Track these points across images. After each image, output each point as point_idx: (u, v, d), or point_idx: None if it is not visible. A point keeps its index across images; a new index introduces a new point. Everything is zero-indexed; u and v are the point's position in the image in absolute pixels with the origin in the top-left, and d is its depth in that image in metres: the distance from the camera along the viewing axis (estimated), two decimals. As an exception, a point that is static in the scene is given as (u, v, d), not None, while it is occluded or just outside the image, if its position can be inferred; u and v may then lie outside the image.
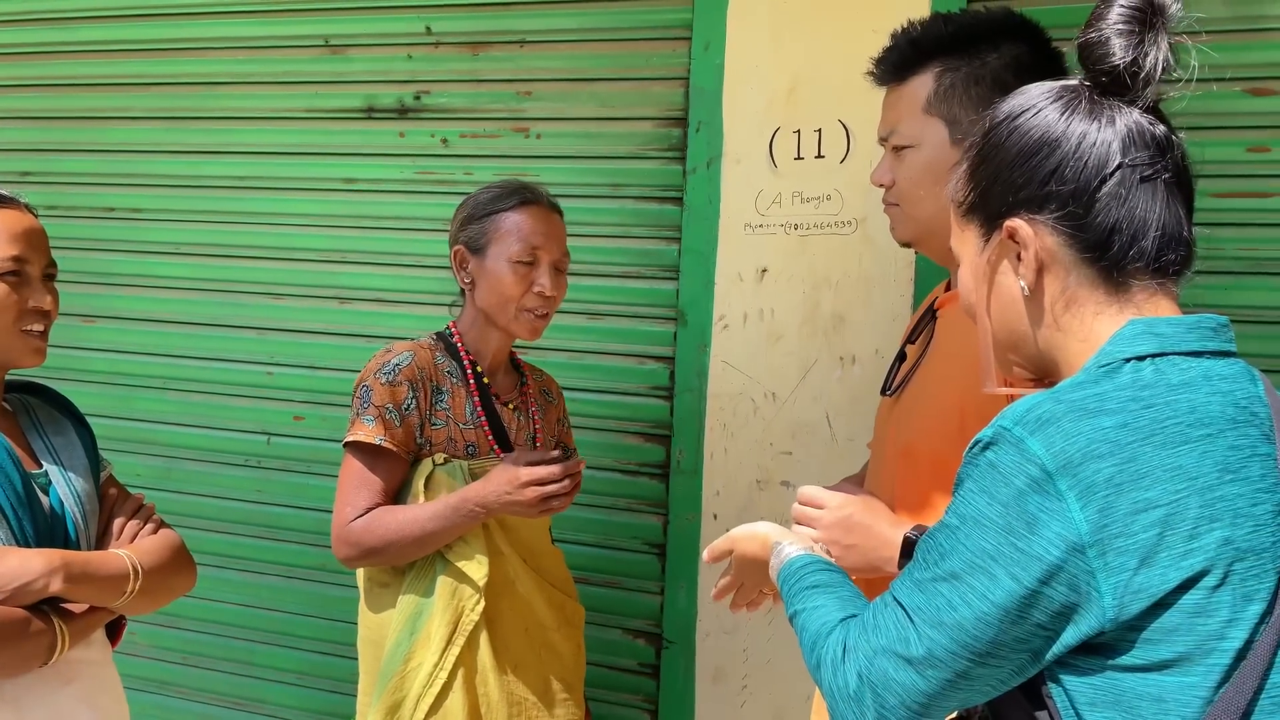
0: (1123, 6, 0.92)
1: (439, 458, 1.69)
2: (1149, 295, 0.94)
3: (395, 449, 1.66)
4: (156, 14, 2.64)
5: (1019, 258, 0.97)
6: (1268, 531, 0.83)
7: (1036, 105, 0.97)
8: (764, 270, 2.19)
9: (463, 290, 1.82)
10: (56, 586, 1.35)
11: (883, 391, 1.55)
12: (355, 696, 1.83)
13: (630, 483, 2.33)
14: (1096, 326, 0.93)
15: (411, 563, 1.69)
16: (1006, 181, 0.96)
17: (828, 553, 1.26)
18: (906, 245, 1.52)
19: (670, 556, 2.28)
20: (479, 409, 1.75)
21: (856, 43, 2.08)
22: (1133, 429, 0.83)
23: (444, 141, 2.45)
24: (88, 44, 2.71)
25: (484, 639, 1.66)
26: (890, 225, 1.51)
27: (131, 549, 1.47)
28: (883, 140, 1.47)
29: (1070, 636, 0.84)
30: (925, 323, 1.52)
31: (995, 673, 0.87)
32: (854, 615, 0.99)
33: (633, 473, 2.33)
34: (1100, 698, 0.84)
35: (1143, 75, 0.92)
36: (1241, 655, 0.80)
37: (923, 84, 1.40)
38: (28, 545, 1.37)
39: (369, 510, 1.65)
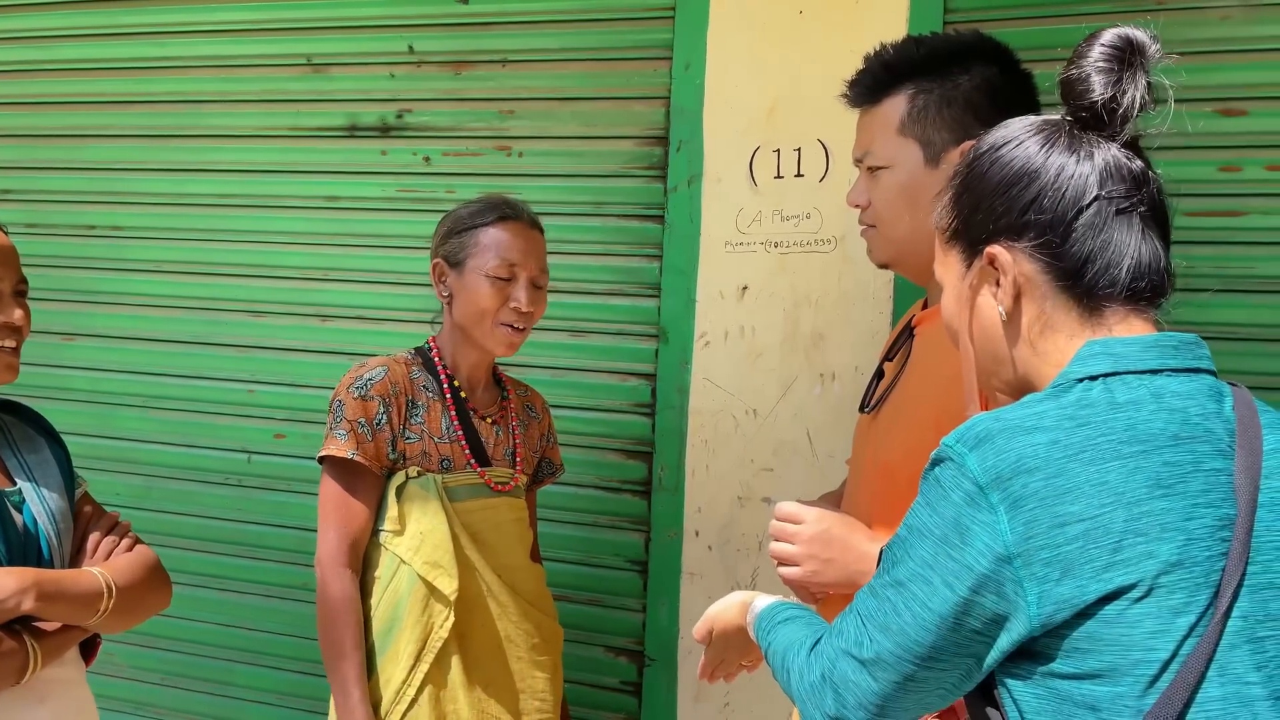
0: (1104, 46, 0.95)
1: (413, 471, 1.70)
2: (1121, 319, 0.96)
3: (367, 463, 1.67)
4: (138, 33, 2.64)
5: (998, 283, 0.99)
6: (1202, 545, 0.84)
7: (1018, 138, 1.00)
8: (745, 288, 2.21)
9: (443, 305, 1.83)
10: (29, 605, 1.34)
11: (861, 409, 1.56)
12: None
13: (612, 499, 2.33)
14: (1069, 350, 0.96)
15: (382, 576, 1.69)
16: (987, 209, 1.00)
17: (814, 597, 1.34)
18: (884, 267, 1.54)
19: (652, 574, 2.28)
20: (455, 423, 1.75)
21: (835, 63, 2.10)
22: (1063, 445, 0.86)
23: (426, 160, 2.46)
24: (68, 62, 2.71)
25: (455, 656, 1.66)
26: (867, 247, 1.53)
27: (105, 567, 1.46)
28: (857, 161, 1.49)
29: (1004, 643, 0.88)
30: (903, 340, 1.54)
31: (942, 676, 0.91)
32: (820, 633, 1.04)
33: (615, 489, 2.33)
34: (1043, 706, 0.87)
35: (1121, 112, 0.95)
36: (1166, 667, 0.82)
37: (896, 106, 1.42)
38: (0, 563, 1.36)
39: (353, 557, 1.69)
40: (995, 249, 0.99)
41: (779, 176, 2.18)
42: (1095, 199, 0.94)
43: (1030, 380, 1.00)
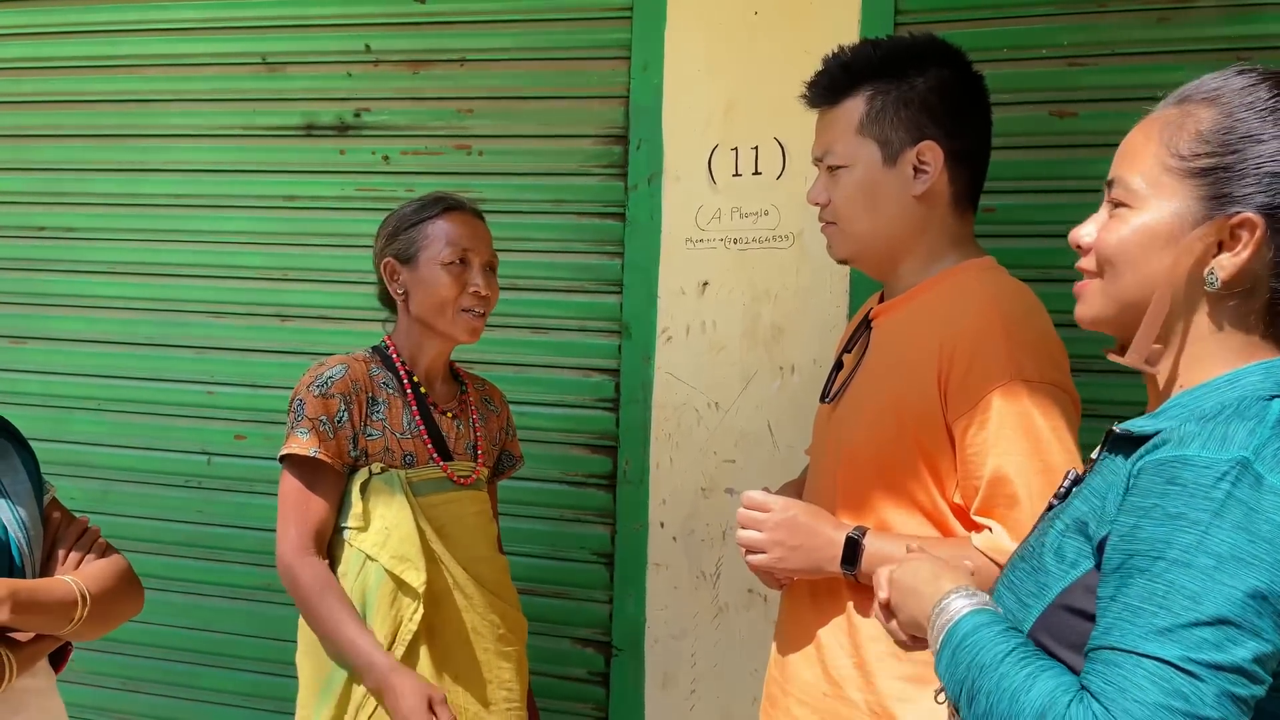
0: None
1: (376, 467, 1.71)
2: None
3: (329, 460, 1.68)
4: (84, 31, 2.62)
5: (1220, 247, 0.96)
6: None
7: None
8: (705, 284, 2.25)
9: (392, 304, 1.84)
10: (4, 616, 1.33)
11: (821, 399, 1.61)
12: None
13: (577, 494, 2.36)
14: (1244, 349, 0.97)
15: (348, 572, 1.70)
16: (1266, 173, 0.95)
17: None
18: (844, 262, 1.59)
19: (618, 566, 2.32)
20: (417, 418, 1.77)
21: (790, 64, 2.16)
22: None
23: (385, 159, 2.46)
24: (13, 61, 2.67)
25: (424, 648, 1.68)
26: (827, 244, 1.57)
27: (78, 575, 1.46)
28: (817, 161, 1.54)
29: None
30: (860, 332, 1.59)
31: None
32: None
33: (579, 484, 2.36)
34: None
35: None
36: None
37: (855, 106, 1.47)
38: None
39: (317, 548, 1.69)
40: (1254, 217, 0.94)
41: (737, 174, 2.23)
42: None
43: (1189, 355, 0.99)
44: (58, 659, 1.54)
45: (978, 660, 0.97)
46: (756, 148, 2.21)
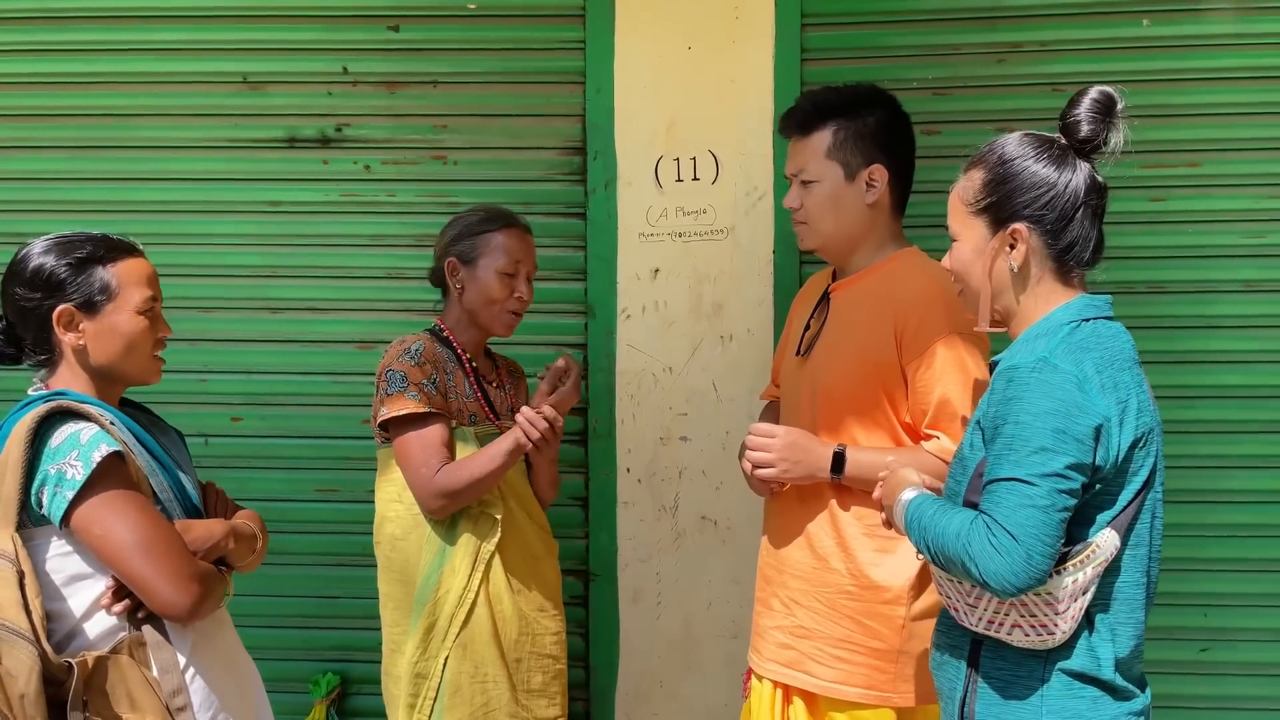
0: (1091, 100, 1.52)
1: (452, 423, 2.11)
2: (1078, 281, 1.57)
3: (440, 410, 2.06)
4: (63, 50, 2.79)
5: (1011, 248, 1.55)
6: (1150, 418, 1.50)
7: (1037, 154, 1.54)
8: (656, 270, 2.74)
9: (445, 294, 2.24)
10: (230, 545, 1.69)
11: (796, 353, 2.13)
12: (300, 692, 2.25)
13: (552, 450, 2.80)
14: (1050, 297, 1.56)
15: (428, 514, 2.09)
16: (1017, 201, 1.54)
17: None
18: (810, 252, 2.12)
19: (592, 506, 2.79)
20: (474, 386, 2.18)
21: (720, 90, 2.70)
22: (1109, 358, 1.47)
23: (367, 168, 2.80)
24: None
25: (497, 565, 2.10)
26: (799, 237, 2.09)
27: (241, 519, 1.81)
28: (792, 176, 2.06)
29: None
30: (820, 303, 2.13)
31: None
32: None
33: (553, 441, 2.80)
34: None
35: (1095, 143, 1.53)
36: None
37: (823, 137, 2.00)
38: None
39: (443, 466, 2.05)
40: (1021, 227, 1.53)
41: (679, 180, 2.73)
42: (1083, 204, 1.53)
43: (1021, 311, 1.58)
44: None
45: (922, 523, 1.56)
46: (694, 158, 2.72)
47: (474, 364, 2.22)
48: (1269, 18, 2.60)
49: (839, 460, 1.94)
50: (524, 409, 2.05)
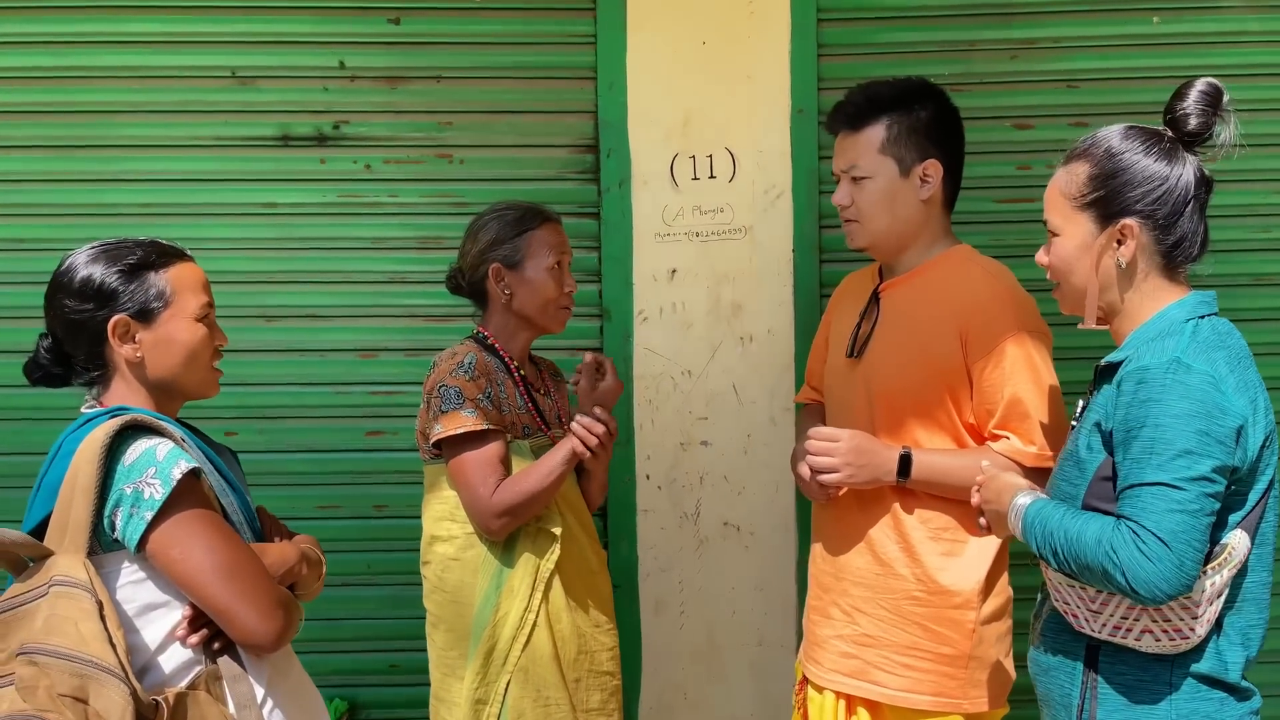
0: (1199, 92, 1.49)
1: (506, 437, 2.01)
2: (1183, 275, 1.55)
3: (498, 429, 1.96)
4: (38, 42, 2.61)
5: (1119, 243, 1.52)
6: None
7: (1148, 147, 1.51)
8: (674, 271, 2.67)
9: (476, 296, 2.13)
10: (304, 570, 1.56)
11: (847, 354, 2.08)
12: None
13: (567, 458, 2.71)
14: (1157, 294, 1.53)
15: (482, 535, 1.99)
16: (1129, 195, 1.51)
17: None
18: (860, 250, 2.07)
19: (611, 515, 2.70)
20: (525, 396, 2.08)
21: (735, 85, 2.64)
22: (1235, 356, 1.45)
23: (367, 167, 2.67)
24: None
25: (556, 583, 2.01)
26: (848, 236, 2.04)
27: (309, 545, 1.68)
28: (841, 173, 2.01)
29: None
30: (871, 304, 2.08)
31: None
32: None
33: (568, 449, 2.71)
34: None
35: (1205, 136, 1.50)
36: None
37: (876, 132, 1.95)
38: None
39: (499, 484, 1.94)
40: (1131, 222, 1.50)
41: (696, 178, 2.66)
42: (1193, 198, 1.50)
43: (1126, 309, 1.55)
44: None
45: (1047, 527, 1.50)
46: (711, 156, 2.66)
47: (522, 372, 2.12)
48: (1279, 15, 2.65)
49: (905, 463, 1.90)
50: (579, 417, 1.96)
